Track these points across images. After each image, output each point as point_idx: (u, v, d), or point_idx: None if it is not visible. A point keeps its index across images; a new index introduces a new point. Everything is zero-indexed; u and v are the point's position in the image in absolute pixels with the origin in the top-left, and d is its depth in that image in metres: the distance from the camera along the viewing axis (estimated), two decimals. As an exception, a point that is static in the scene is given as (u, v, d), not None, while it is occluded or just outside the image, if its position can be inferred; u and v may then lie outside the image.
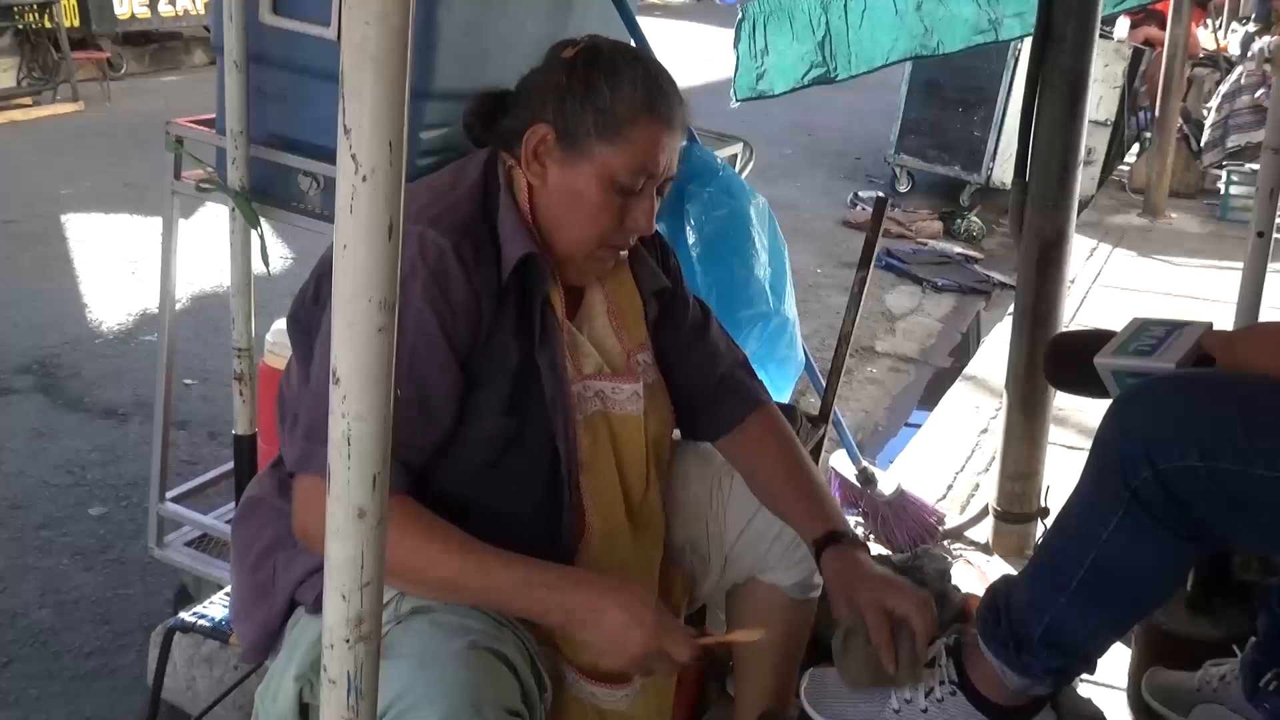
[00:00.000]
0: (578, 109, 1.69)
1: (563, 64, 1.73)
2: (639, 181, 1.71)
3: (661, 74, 1.75)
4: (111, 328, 5.25)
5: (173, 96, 10.47)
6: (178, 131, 2.71)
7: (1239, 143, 7.99)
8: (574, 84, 1.70)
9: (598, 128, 1.69)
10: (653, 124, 1.70)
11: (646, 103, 1.70)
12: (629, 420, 1.82)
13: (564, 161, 1.71)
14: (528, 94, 1.76)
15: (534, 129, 1.71)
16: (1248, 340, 1.59)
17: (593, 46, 1.75)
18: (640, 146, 1.70)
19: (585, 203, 1.71)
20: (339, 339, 0.92)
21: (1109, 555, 1.54)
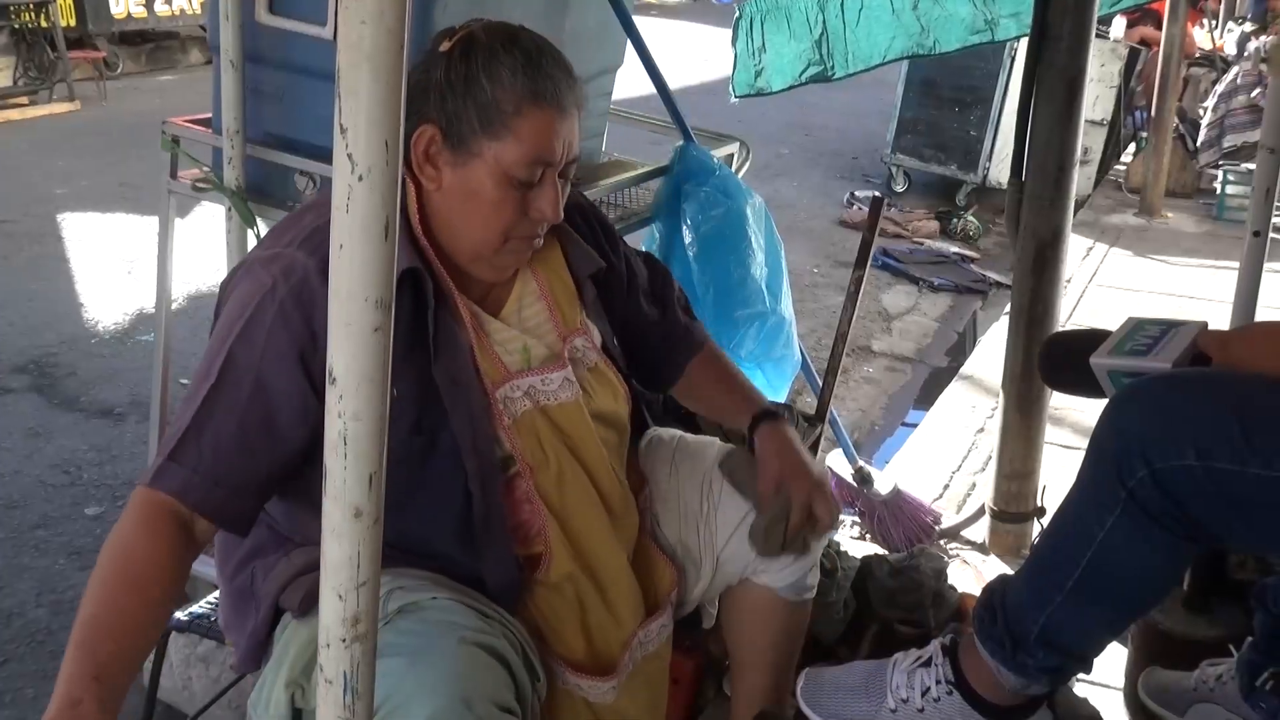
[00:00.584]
0: (459, 106, 1.62)
1: (440, 58, 1.64)
2: (536, 172, 1.65)
3: (546, 55, 1.66)
4: (108, 327, 5.25)
5: (169, 96, 10.47)
6: (174, 131, 2.71)
7: (1235, 142, 8.00)
8: (453, 79, 1.62)
9: (482, 124, 1.62)
10: (540, 111, 1.62)
11: (531, 90, 1.62)
12: (567, 408, 1.78)
13: (454, 162, 1.64)
14: (411, 92, 1.67)
15: (420, 131, 1.63)
16: (1243, 339, 1.59)
17: (468, 36, 1.65)
18: (531, 138, 1.62)
19: (482, 201, 1.65)
20: (335, 339, 0.92)
21: (1105, 555, 1.54)
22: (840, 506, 1.93)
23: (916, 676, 1.76)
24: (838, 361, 3.00)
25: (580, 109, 1.70)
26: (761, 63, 3.72)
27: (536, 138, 1.63)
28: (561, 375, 1.79)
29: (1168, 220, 7.87)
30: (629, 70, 3.14)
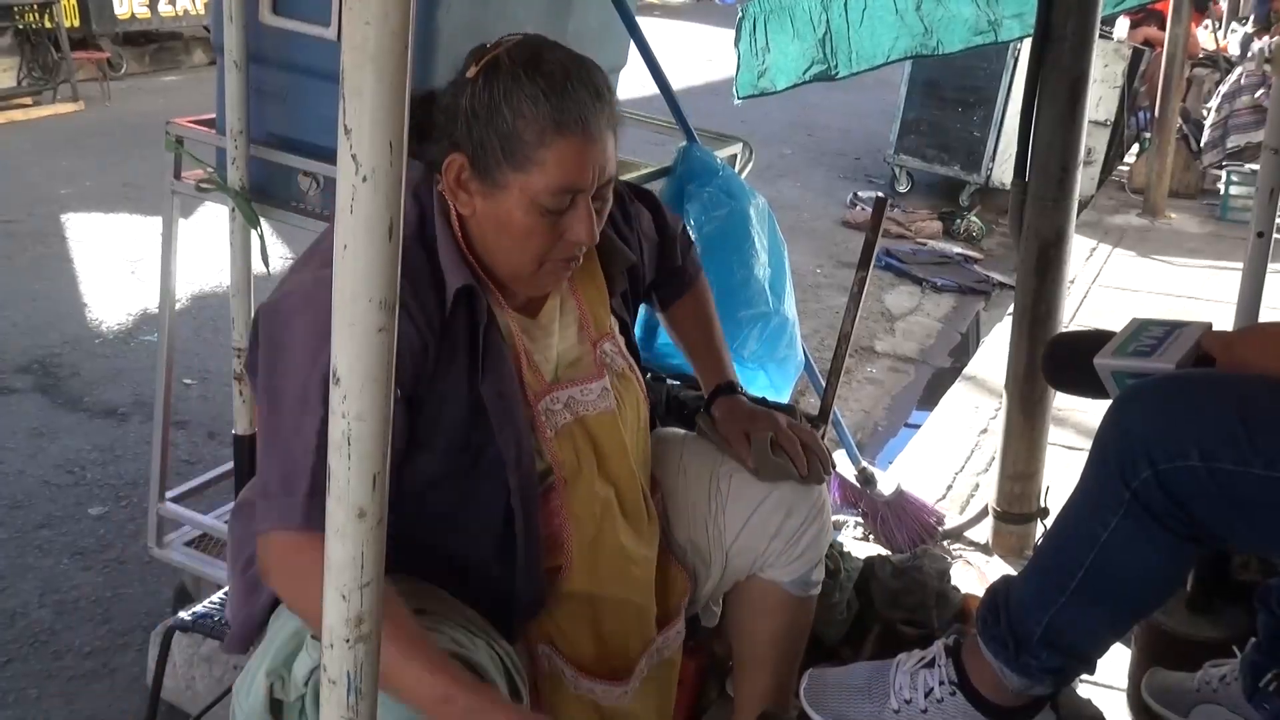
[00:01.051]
0: (484, 136, 1.58)
1: (466, 85, 1.60)
2: (565, 200, 1.61)
3: (572, 79, 1.59)
4: (111, 327, 5.25)
5: (173, 96, 10.47)
6: (178, 131, 2.71)
7: (1239, 143, 7.99)
8: (476, 108, 1.58)
9: (506, 155, 1.58)
10: (566, 140, 1.57)
11: (554, 121, 1.56)
12: (604, 418, 1.80)
13: (483, 192, 1.61)
14: (443, 114, 1.64)
15: (450, 160, 1.61)
16: (1247, 340, 1.59)
17: (493, 61, 1.60)
18: (557, 168, 1.58)
19: (514, 229, 1.61)
20: (339, 339, 0.92)
21: (1108, 555, 1.54)
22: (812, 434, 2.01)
23: (920, 677, 1.76)
24: (841, 362, 3.00)
25: (614, 127, 1.65)
26: (765, 63, 3.72)
27: (563, 167, 1.58)
28: (600, 385, 1.81)
29: (1171, 221, 7.86)
30: (632, 71, 3.14)
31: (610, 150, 1.64)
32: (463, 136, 1.59)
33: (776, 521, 1.94)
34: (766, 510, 1.94)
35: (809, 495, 1.97)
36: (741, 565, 1.98)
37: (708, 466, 2.00)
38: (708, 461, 2.00)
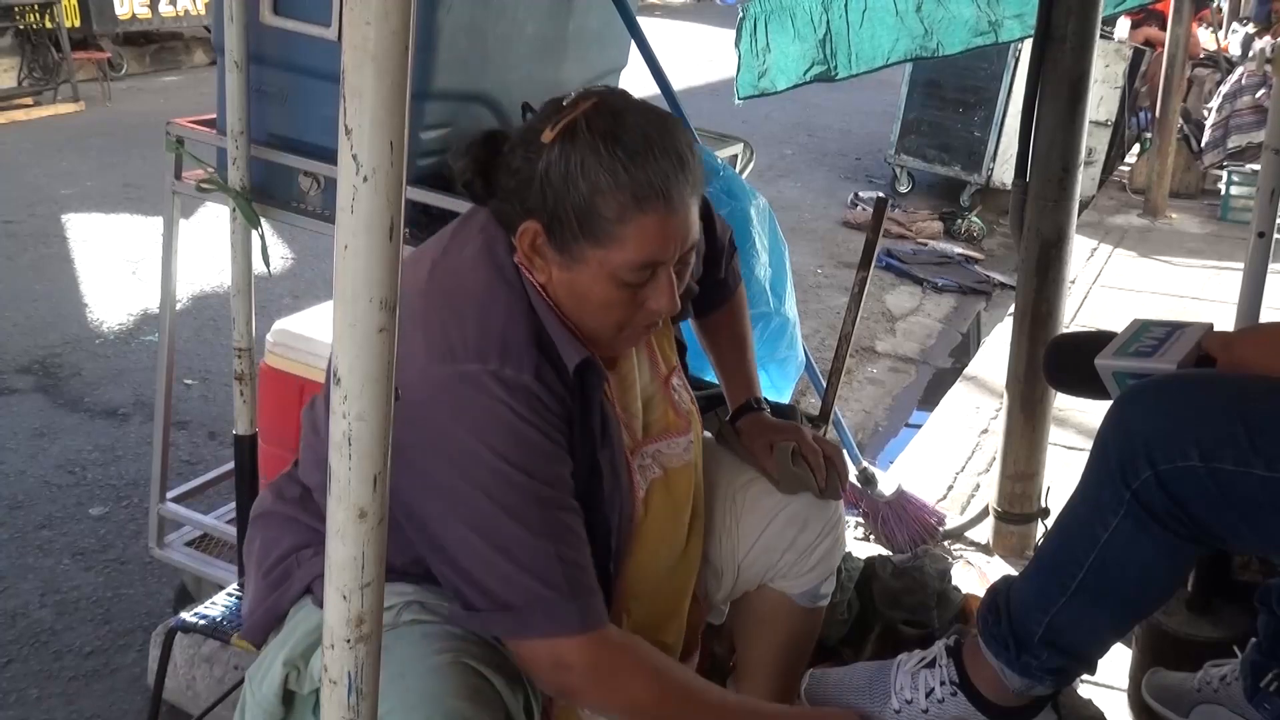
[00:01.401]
0: (560, 208, 1.50)
1: (540, 148, 1.51)
2: (646, 274, 1.54)
3: (655, 146, 1.50)
4: (112, 328, 5.25)
5: (173, 97, 10.48)
6: (178, 132, 2.71)
7: (1240, 143, 7.99)
8: (552, 178, 1.50)
9: (584, 230, 1.50)
10: (647, 217, 1.49)
11: (634, 196, 1.48)
12: (685, 471, 1.80)
13: (559, 262, 1.54)
14: (514, 177, 1.55)
15: (524, 227, 1.53)
16: (1248, 341, 1.59)
17: (571, 127, 1.50)
18: (638, 243, 1.50)
19: (592, 301, 1.55)
20: (340, 340, 0.92)
21: (1109, 556, 1.54)
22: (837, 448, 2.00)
23: (920, 677, 1.76)
24: (841, 362, 3.00)
25: (699, 189, 1.57)
26: (766, 63, 3.72)
27: (644, 243, 1.50)
28: (686, 440, 1.81)
29: (1172, 221, 7.86)
30: (632, 71, 3.14)
31: (693, 217, 1.56)
32: (537, 204, 1.51)
33: (791, 535, 1.93)
34: (781, 523, 1.94)
35: (825, 510, 1.96)
36: (753, 576, 1.98)
37: (725, 478, 1.98)
38: (726, 473, 1.99)
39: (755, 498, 1.95)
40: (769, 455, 1.95)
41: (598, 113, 1.51)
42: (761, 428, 2.00)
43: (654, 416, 1.80)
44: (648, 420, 1.78)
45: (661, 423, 1.80)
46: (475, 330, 1.51)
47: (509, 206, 1.56)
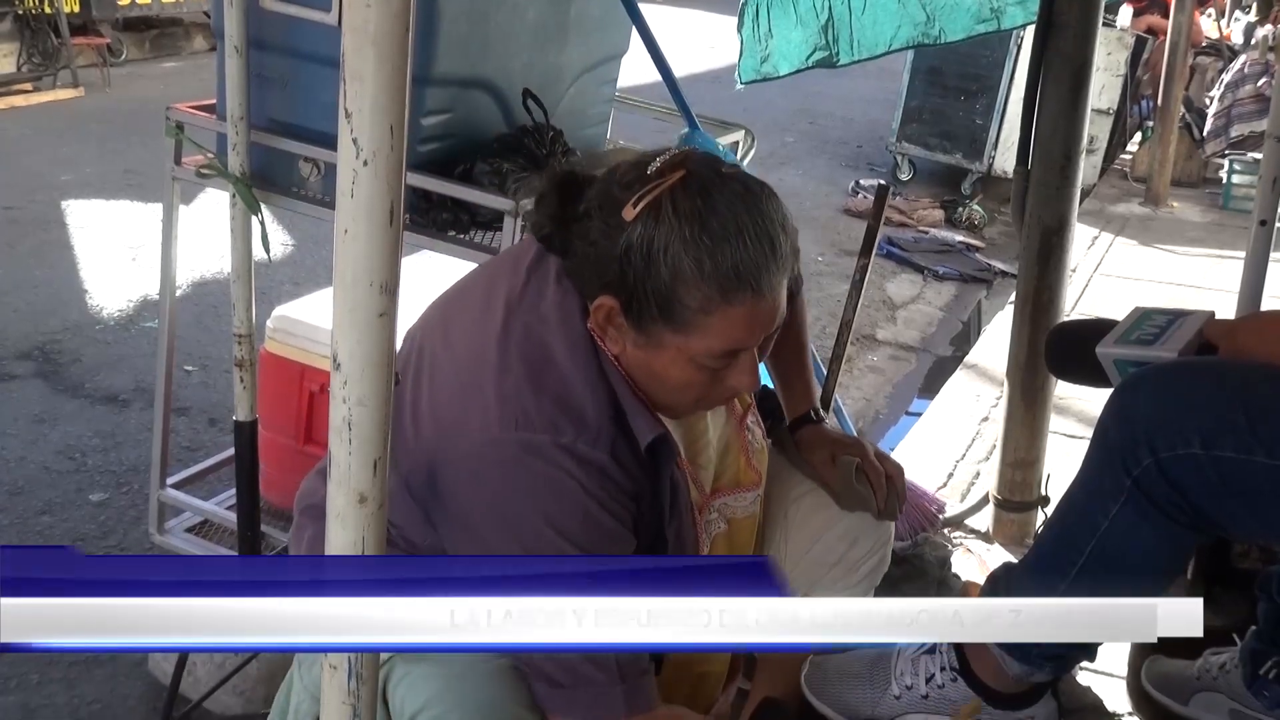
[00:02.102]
0: (639, 289, 1.42)
1: (621, 225, 1.42)
2: (728, 360, 1.48)
3: (746, 231, 1.40)
4: (112, 314, 5.25)
5: (173, 82, 10.45)
6: (178, 117, 2.71)
7: (1242, 132, 7.97)
8: (633, 259, 1.41)
9: (664, 315, 1.42)
10: (734, 309, 1.42)
11: (720, 290, 1.40)
12: (748, 524, 1.79)
13: (636, 340, 1.47)
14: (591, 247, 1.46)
15: (600, 303, 1.46)
16: (1249, 329, 1.59)
17: (654, 205, 1.41)
18: (722, 333, 1.43)
19: (670, 381, 1.49)
20: (339, 325, 0.92)
21: (1109, 543, 1.54)
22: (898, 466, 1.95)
23: (921, 664, 1.76)
24: (842, 350, 3.00)
25: (789, 270, 1.49)
26: (768, 49, 3.71)
27: (728, 333, 1.44)
28: (754, 495, 1.79)
29: (1173, 210, 7.85)
30: (634, 57, 3.13)
31: (782, 300, 1.48)
32: (614, 280, 1.43)
33: (841, 550, 1.91)
34: (833, 539, 1.91)
35: (878, 528, 1.93)
36: (796, 588, 1.96)
37: (779, 489, 1.94)
38: (780, 483, 1.95)
39: (809, 511, 1.92)
40: (829, 467, 1.88)
41: (685, 189, 1.42)
42: (823, 439, 1.93)
43: (726, 465, 1.76)
44: (719, 470, 1.75)
45: (733, 474, 1.76)
46: (552, 400, 1.45)
47: (585, 273, 1.49)
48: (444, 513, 1.49)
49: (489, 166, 2.52)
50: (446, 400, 1.50)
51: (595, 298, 1.47)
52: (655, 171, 1.43)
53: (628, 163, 1.49)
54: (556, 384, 1.47)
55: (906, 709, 1.75)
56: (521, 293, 1.54)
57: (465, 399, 1.47)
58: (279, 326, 3.05)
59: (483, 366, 1.48)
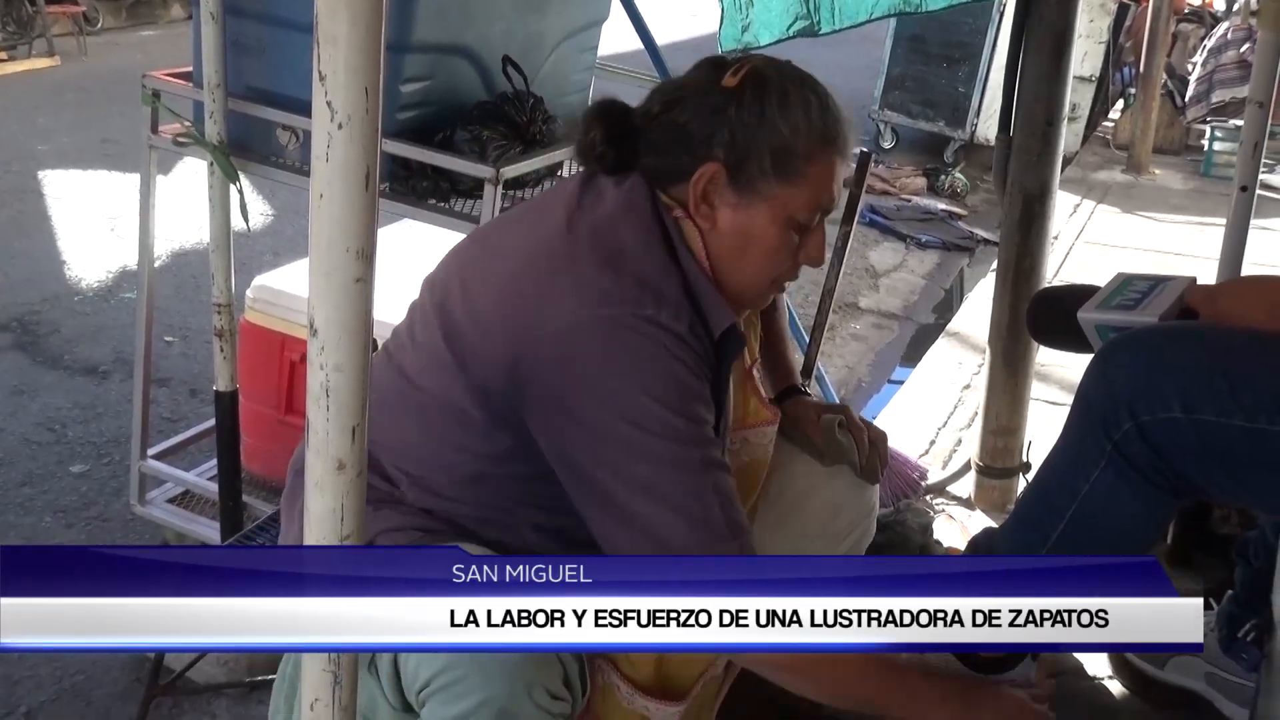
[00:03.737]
0: (750, 146, 1.55)
1: (724, 93, 1.57)
2: (815, 217, 1.61)
3: (830, 96, 1.62)
4: (91, 285, 5.21)
5: (151, 51, 10.34)
6: (154, 85, 2.68)
7: (1224, 97, 7.97)
8: (744, 117, 1.55)
9: (775, 166, 1.56)
10: (829, 156, 1.59)
11: (822, 136, 1.58)
12: (757, 465, 1.80)
13: (736, 204, 1.57)
14: (682, 128, 1.59)
15: (703, 169, 1.56)
16: (1230, 294, 1.59)
17: (756, 72, 1.58)
18: (818, 182, 1.58)
19: (761, 244, 1.59)
20: (315, 290, 0.91)
21: (1089, 507, 1.55)
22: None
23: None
24: (825, 318, 2.99)
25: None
26: (749, 17, 3.68)
27: (823, 182, 1.59)
28: (773, 430, 1.81)
29: (1155, 177, 7.86)
30: (615, 24, 3.11)
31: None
32: (720, 146, 1.55)
33: (823, 521, 1.93)
34: (815, 509, 1.93)
35: (859, 499, 1.95)
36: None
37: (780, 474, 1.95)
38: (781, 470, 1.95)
39: (789, 481, 1.93)
40: (814, 425, 1.93)
41: (776, 63, 1.61)
42: (808, 406, 1.99)
43: (741, 402, 1.79)
44: (738, 405, 1.78)
45: (753, 410, 1.80)
46: (630, 278, 1.51)
47: (674, 155, 1.58)
48: (535, 404, 1.51)
49: (469, 134, 2.50)
50: (515, 296, 1.54)
51: (692, 173, 1.56)
52: (737, 59, 1.62)
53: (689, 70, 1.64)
54: (633, 266, 1.53)
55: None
56: (578, 203, 1.61)
57: (539, 290, 1.52)
58: (259, 296, 3.03)
59: (551, 259, 1.55)
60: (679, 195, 1.59)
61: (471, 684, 1.43)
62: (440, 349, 1.58)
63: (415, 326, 1.67)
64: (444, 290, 1.64)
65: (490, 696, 1.42)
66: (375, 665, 1.56)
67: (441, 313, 1.61)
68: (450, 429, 1.59)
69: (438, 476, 1.62)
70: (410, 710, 1.55)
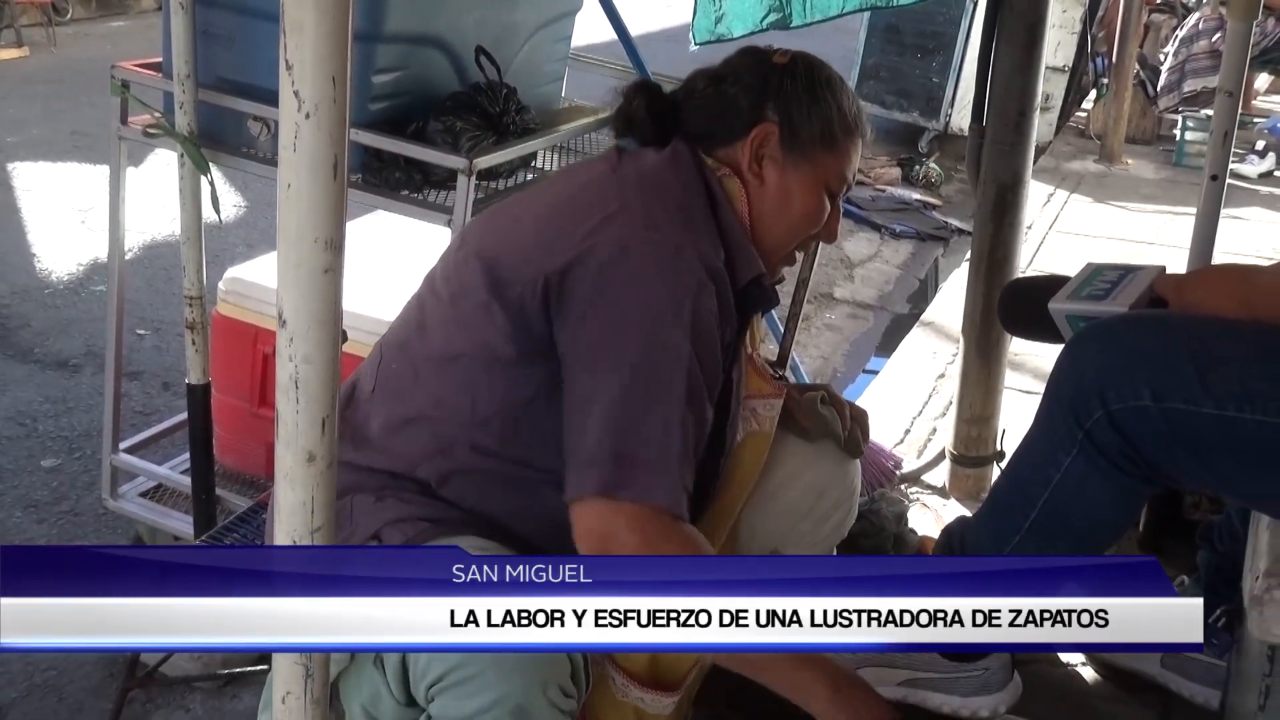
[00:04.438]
0: (804, 114, 1.73)
1: (777, 69, 1.76)
2: (842, 190, 1.80)
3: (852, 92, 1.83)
4: (61, 278, 5.17)
5: (121, 41, 10.25)
6: (123, 75, 2.66)
7: (1195, 87, 8.01)
8: (799, 89, 1.74)
9: (822, 135, 1.73)
10: (856, 140, 1.79)
11: (856, 119, 1.79)
12: (762, 437, 1.85)
13: (784, 164, 1.73)
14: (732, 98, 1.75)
15: (760, 128, 1.72)
16: (1198, 283, 1.60)
17: (804, 56, 1.79)
18: (849, 158, 1.78)
19: (799, 205, 1.75)
20: (284, 281, 0.90)
21: (1062, 496, 1.55)
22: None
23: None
24: (799, 308, 3.00)
25: None
26: (722, 8, 3.68)
27: (850, 160, 1.80)
28: (778, 404, 1.87)
29: (1128, 167, 7.90)
30: (588, 14, 3.10)
31: None
32: (776, 110, 1.73)
33: (808, 502, 1.95)
34: (799, 490, 1.95)
35: (843, 480, 1.98)
36: (765, 543, 1.97)
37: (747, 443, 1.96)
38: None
39: (773, 463, 1.95)
40: (796, 404, 1.98)
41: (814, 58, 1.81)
42: (790, 387, 2.05)
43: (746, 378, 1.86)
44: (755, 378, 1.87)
45: (756, 386, 1.87)
46: (675, 212, 1.64)
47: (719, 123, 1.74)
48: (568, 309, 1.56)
49: (442, 125, 2.49)
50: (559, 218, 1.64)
51: (742, 135, 1.72)
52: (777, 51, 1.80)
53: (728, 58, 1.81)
54: (678, 205, 1.66)
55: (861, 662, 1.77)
56: (619, 160, 1.74)
57: (584, 214, 1.62)
58: (231, 288, 3.01)
59: (600, 189, 1.67)
60: (724, 157, 1.73)
61: (486, 681, 1.42)
62: (474, 287, 1.62)
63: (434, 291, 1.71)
64: (478, 240, 1.71)
65: (505, 694, 1.42)
66: (381, 659, 1.55)
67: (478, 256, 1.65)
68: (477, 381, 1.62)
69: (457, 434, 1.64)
70: (415, 705, 1.54)
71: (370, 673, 1.57)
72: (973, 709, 1.77)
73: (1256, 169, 7.58)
